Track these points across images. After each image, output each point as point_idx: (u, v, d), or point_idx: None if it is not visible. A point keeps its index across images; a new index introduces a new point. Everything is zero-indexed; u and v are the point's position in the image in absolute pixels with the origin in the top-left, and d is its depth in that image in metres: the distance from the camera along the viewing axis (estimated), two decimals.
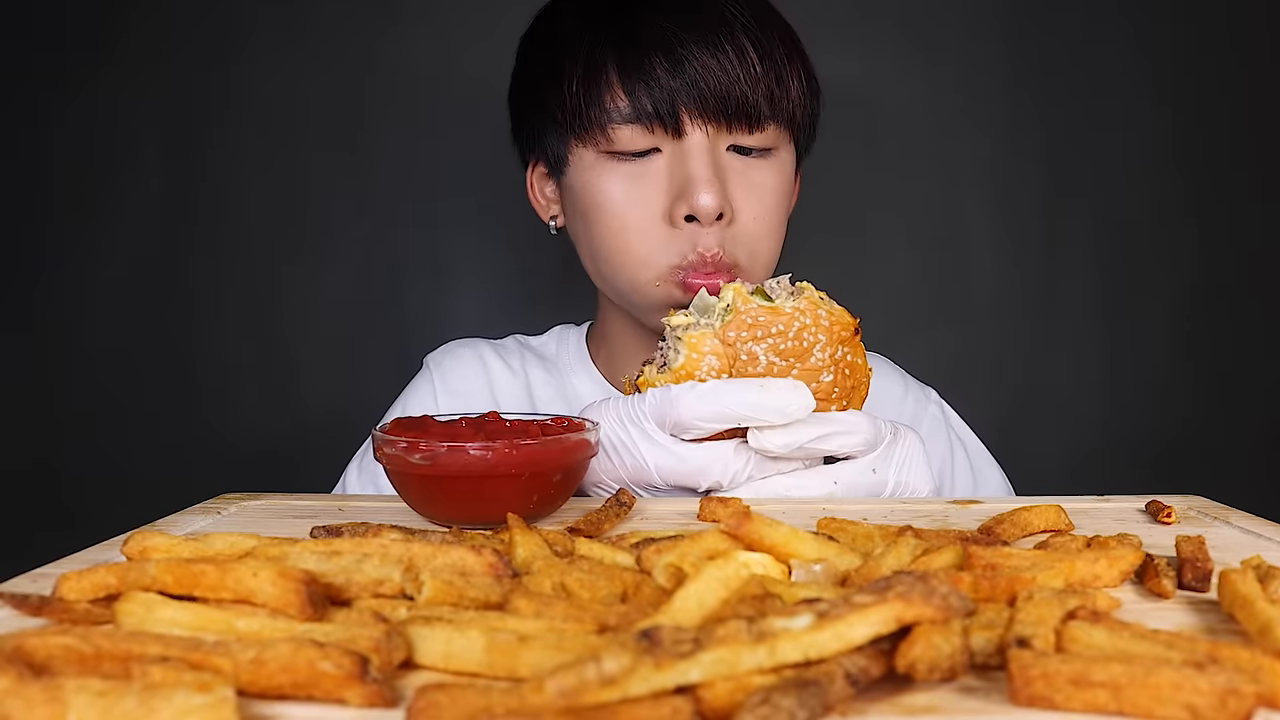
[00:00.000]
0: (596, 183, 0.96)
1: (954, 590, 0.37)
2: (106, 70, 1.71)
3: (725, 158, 0.96)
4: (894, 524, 0.63)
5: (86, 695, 0.33)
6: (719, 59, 0.91)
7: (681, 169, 0.93)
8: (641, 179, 0.95)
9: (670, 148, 0.94)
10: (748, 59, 0.92)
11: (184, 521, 0.70)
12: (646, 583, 0.48)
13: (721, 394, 0.74)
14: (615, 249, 0.97)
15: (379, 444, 0.68)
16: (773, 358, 0.78)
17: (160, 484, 1.69)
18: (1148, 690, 0.35)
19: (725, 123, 0.93)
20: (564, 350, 1.18)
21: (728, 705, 0.34)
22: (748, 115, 0.93)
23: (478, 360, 1.17)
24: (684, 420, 0.75)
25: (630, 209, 0.95)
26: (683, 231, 0.94)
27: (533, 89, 1.01)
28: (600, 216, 0.97)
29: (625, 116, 0.93)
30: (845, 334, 0.80)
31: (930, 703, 0.37)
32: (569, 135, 0.97)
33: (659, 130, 0.93)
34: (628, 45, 0.93)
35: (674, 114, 0.92)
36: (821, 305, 0.79)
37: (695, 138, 0.93)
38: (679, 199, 0.93)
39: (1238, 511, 0.72)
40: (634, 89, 0.92)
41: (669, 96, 0.91)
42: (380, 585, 0.46)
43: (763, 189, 0.97)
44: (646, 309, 0.99)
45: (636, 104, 0.92)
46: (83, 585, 0.46)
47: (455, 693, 0.34)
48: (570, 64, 0.95)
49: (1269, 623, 0.40)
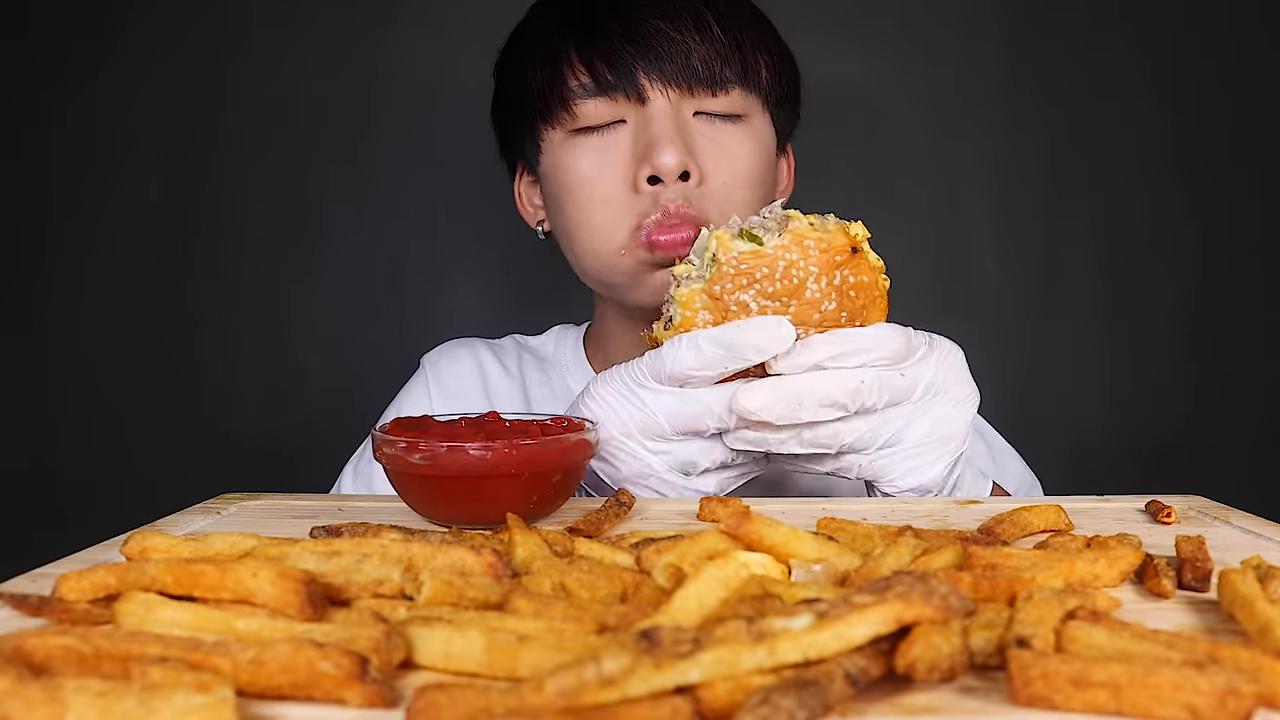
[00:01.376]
0: (564, 161, 0.98)
1: (953, 590, 0.37)
2: (106, 70, 1.71)
3: (692, 123, 0.96)
4: (893, 524, 0.63)
5: (86, 695, 0.33)
6: (675, 24, 0.93)
7: (644, 134, 0.94)
8: (607, 150, 0.96)
9: (634, 117, 0.95)
10: (706, 24, 0.94)
11: (183, 522, 0.70)
12: (646, 583, 0.48)
13: (700, 342, 0.74)
14: (582, 223, 0.97)
15: (379, 444, 0.68)
16: (763, 302, 0.76)
17: (159, 485, 1.69)
18: (1147, 690, 0.35)
19: (687, 86, 0.94)
20: (562, 351, 1.18)
21: (727, 705, 0.34)
22: (710, 78, 0.94)
23: (473, 361, 1.17)
24: (676, 373, 0.75)
25: (596, 180, 0.96)
26: (646, 194, 0.94)
27: (505, 94, 1.04)
28: (569, 193, 0.98)
29: (588, 90, 0.95)
30: (841, 257, 0.76)
31: (930, 703, 0.37)
32: (538, 123, 0.99)
33: (621, 99, 0.94)
34: (586, 24, 0.95)
35: (634, 81, 0.93)
36: (810, 233, 0.75)
37: (658, 103, 0.94)
38: (641, 162, 0.93)
39: (1238, 511, 0.72)
40: (592, 62, 0.94)
41: (628, 64, 0.93)
42: (380, 585, 0.46)
43: (733, 153, 0.97)
44: (621, 287, 0.99)
45: (597, 76, 0.94)
46: (82, 585, 0.46)
47: (455, 693, 0.34)
48: (533, 51, 0.98)
49: (1269, 623, 0.40)
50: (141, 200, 1.73)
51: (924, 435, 0.77)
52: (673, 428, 0.76)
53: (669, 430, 0.77)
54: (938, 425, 0.77)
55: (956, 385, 0.78)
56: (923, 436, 0.77)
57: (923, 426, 0.77)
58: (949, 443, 0.78)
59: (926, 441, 0.77)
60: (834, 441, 0.76)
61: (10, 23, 1.71)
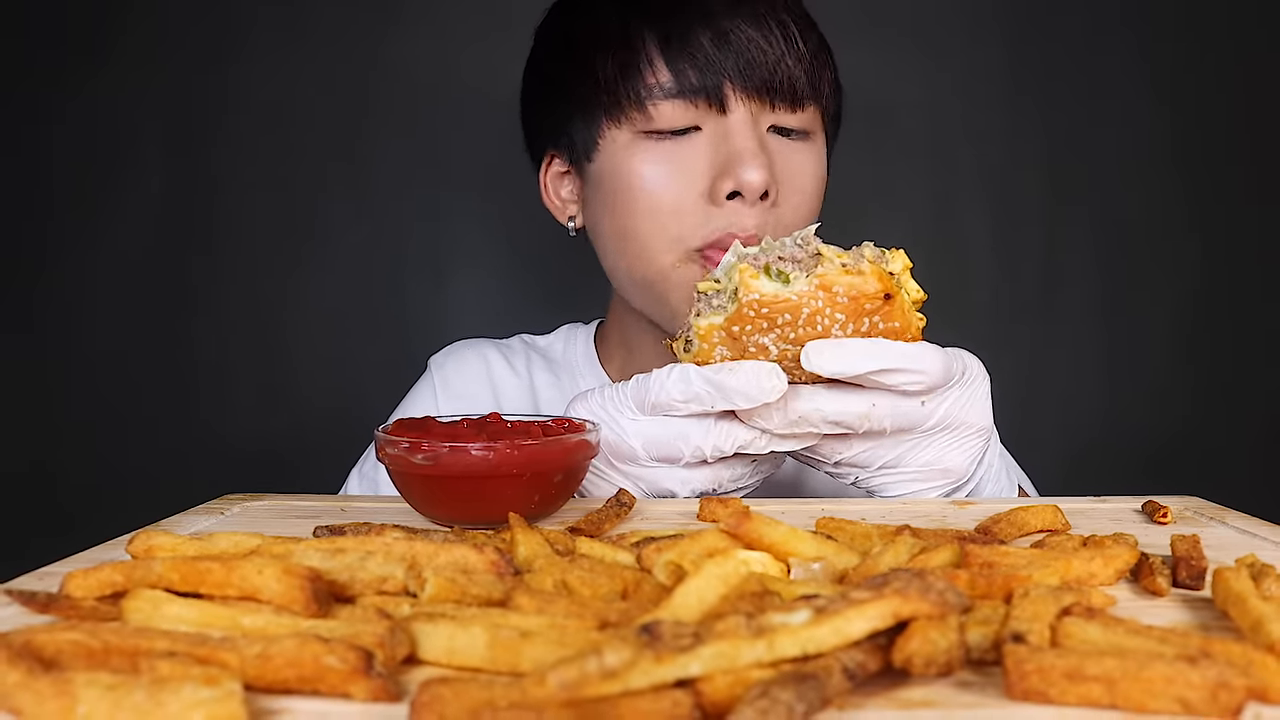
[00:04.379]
0: (630, 163, 0.92)
1: (950, 586, 0.38)
2: (106, 70, 1.72)
3: (767, 138, 0.92)
4: (892, 524, 0.64)
5: (96, 689, 0.33)
6: (765, 34, 0.89)
7: (725, 145, 0.89)
8: (681, 157, 0.91)
9: (711, 125, 0.91)
10: (792, 35, 0.90)
11: (188, 521, 0.70)
12: (647, 580, 0.48)
13: (690, 376, 0.72)
14: (648, 231, 0.92)
15: (381, 445, 0.69)
16: (784, 346, 0.72)
17: (160, 486, 1.70)
18: (1141, 684, 0.35)
19: (769, 100, 0.90)
20: (571, 351, 1.17)
21: (727, 699, 0.34)
22: (792, 93, 0.91)
23: (481, 362, 1.16)
24: (660, 402, 0.74)
25: (668, 188, 0.91)
26: (723, 209, 0.89)
27: (556, 76, 0.98)
28: (634, 197, 0.92)
29: (667, 91, 0.89)
30: (872, 305, 0.71)
31: (927, 697, 0.37)
32: (601, 116, 0.93)
33: (702, 106, 0.89)
34: (670, 19, 0.90)
35: (719, 89, 0.89)
36: (839, 281, 0.70)
37: (739, 114, 0.90)
38: (723, 175, 0.89)
39: (1233, 512, 0.73)
40: (677, 63, 0.89)
41: (715, 70, 0.88)
42: (384, 583, 0.47)
43: (804, 172, 0.94)
44: (662, 299, 0.95)
45: (680, 78, 0.89)
46: (89, 583, 0.47)
47: (458, 687, 0.34)
48: (604, 42, 0.92)
49: (1260, 619, 0.41)
50: (143, 200, 1.74)
51: (925, 463, 0.76)
52: (648, 454, 0.75)
53: (644, 457, 0.76)
54: (941, 457, 0.76)
55: (971, 421, 0.76)
56: (924, 464, 0.76)
57: (926, 455, 0.76)
58: (948, 475, 0.77)
59: (927, 471, 0.77)
60: (832, 455, 0.76)
61: (11, 22, 1.72)
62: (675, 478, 0.76)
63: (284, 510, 0.75)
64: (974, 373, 0.77)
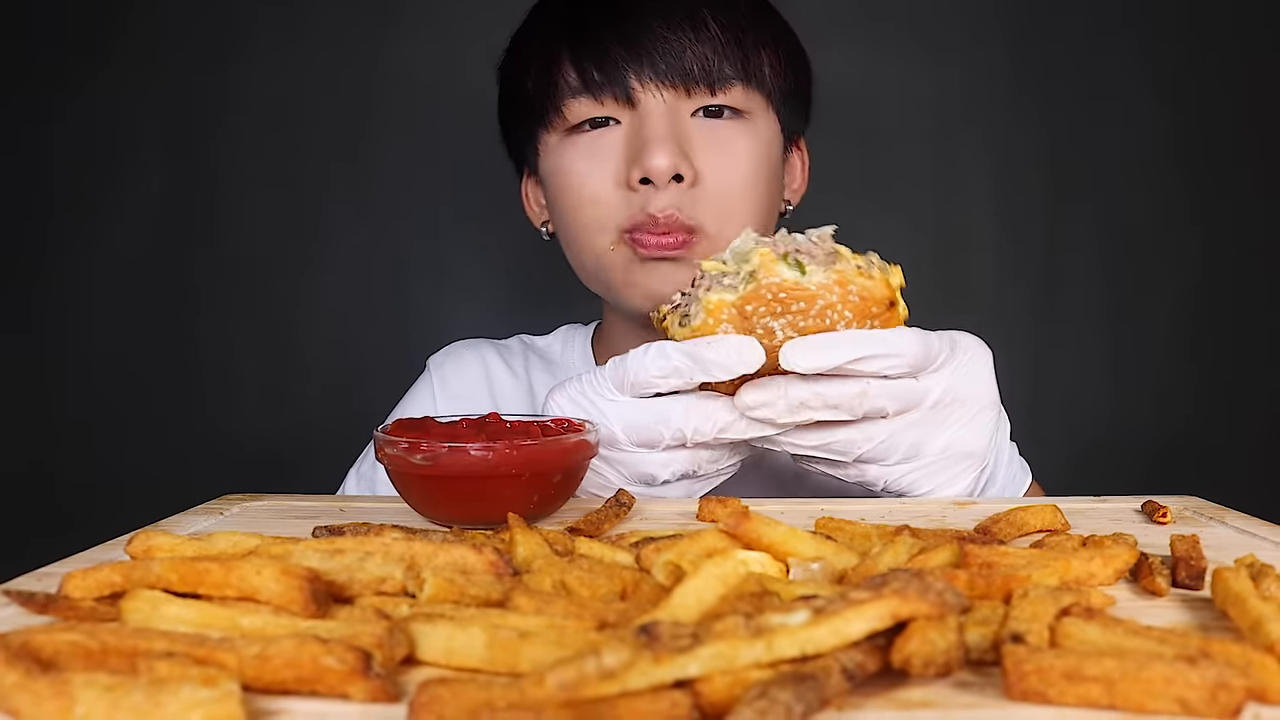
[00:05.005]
0: (559, 162, 0.98)
1: (949, 586, 0.38)
2: (106, 70, 1.72)
3: (690, 123, 0.96)
4: (891, 524, 0.64)
5: (94, 690, 0.33)
6: (669, 23, 0.93)
7: (638, 136, 0.94)
8: (599, 150, 0.96)
9: (627, 117, 0.95)
10: (701, 21, 0.94)
11: (187, 522, 0.70)
12: (646, 580, 0.48)
13: (668, 351, 0.73)
14: (576, 223, 0.98)
15: (380, 444, 0.69)
16: (791, 334, 0.72)
17: (159, 486, 1.69)
18: (1140, 684, 0.35)
19: (683, 86, 0.94)
20: (569, 352, 1.18)
21: (726, 699, 0.34)
22: (707, 76, 0.94)
23: (479, 362, 1.17)
24: (639, 379, 0.74)
25: (589, 178, 0.96)
26: (639, 194, 0.94)
27: (504, 95, 1.05)
28: (566, 192, 0.98)
29: (575, 90, 0.95)
30: (878, 309, 0.72)
31: (926, 697, 0.37)
32: (536, 127, 1.00)
33: (609, 100, 0.94)
34: (582, 26, 0.96)
35: (623, 82, 0.93)
36: (854, 280, 0.71)
37: (651, 103, 0.94)
38: (633, 163, 0.93)
39: (1233, 512, 0.73)
40: (583, 63, 0.94)
41: (617, 65, 0.93)
42: (382, 583, 0.47)
43: (733, 150, 0.96)
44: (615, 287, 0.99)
45: (586, 76, 0.94)
46: (88, 583, 0.47)
47: (457, 687, 0.34)
48: (529, 57, 0.99)
49: (1260, 619, 0.41)
50: (142, 200, 1.74)
51: (943, 447, 0.76)
52: (629, 438, 0.76)
53: (624, 441, 0.76)
54: (958, 440, 0.76)
55: (977, 393, 0.76)
56: (942, 449, 0.76)
57: (941, 439, 0.75)
58: (971, 456, 0.77)
59: (947, 454, 0.76)
60: (849, 449, 0.75)
61: (11, 22, 1.72)
62: (655, 460, 0.77)
63: (283, 510, 0.75)
64: (967, 346, 0.77)
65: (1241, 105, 1.78)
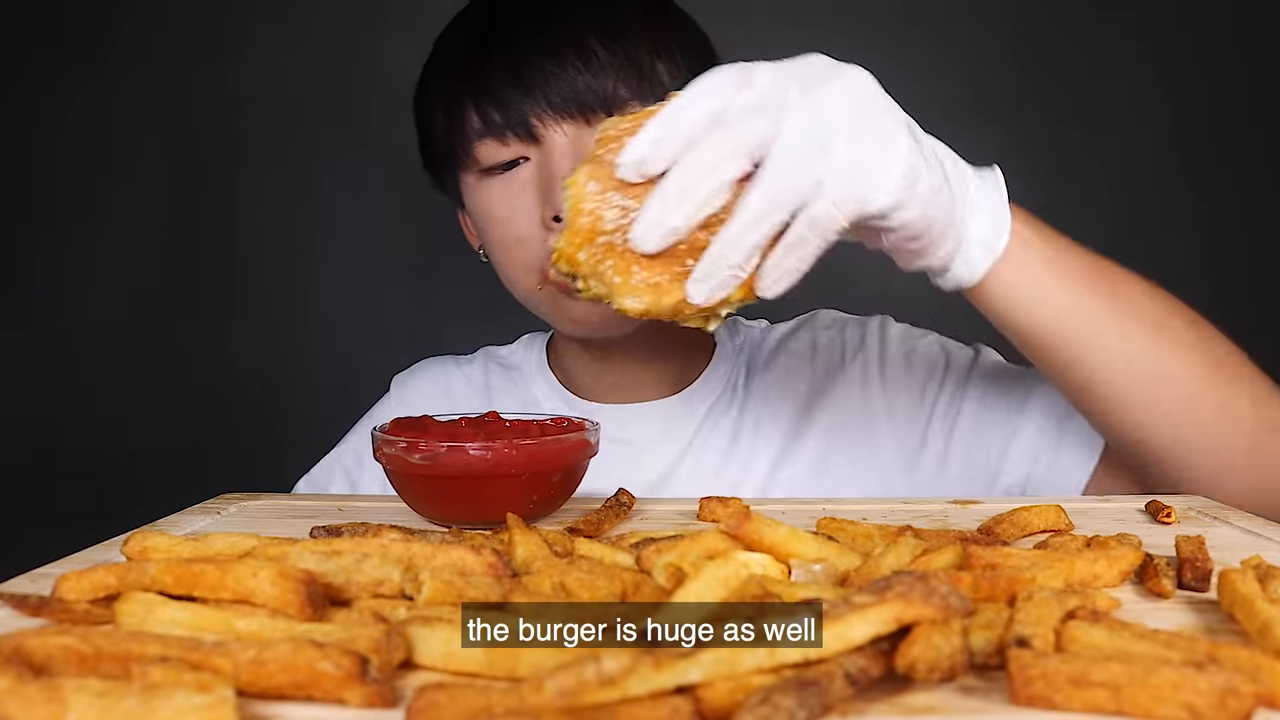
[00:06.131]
0: (478, 203, 0.99)
1: (954, 590, 0.37)
2: (107, 70, 1.72)
3: None
4: (893, 524, 0.63)
5: (86, 695, 0.33)
6: (557, 57, 0.92)
7: (546, 171, 0.93)
8: (514, 190, 0.95)
9: (534, 154, 0.94)
10: (587, 48, 0.93)
11: (184, 522, 0.70)
12: (646, 582, 0.48)
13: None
14: (502, 262, 0.99)
15: (379, 443, 0.68)
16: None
17: (158, 485, 1.69)
18: (1147, 690, 0.35)
19: (581, 116, 0.93)
20: (528, 358, 1.18)
21: (727, 705, 0.34)
22: (603, 101, 0.93)
23: (441, 376, 1.19)
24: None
25: (510, 221, 0.96)
26: (554, 232, 0.92)
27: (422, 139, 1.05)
28: (488, 233, 0.99)
29: (479, 132, 0.95)
30: None
31: (930, 702, 0.37)
32: (455, 169, 1.00)
33: (513, 140, 0.94)
34: (474, 71, 0.96)
35: (523, 120, 0.93)
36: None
37: (554, 138, 0.93)
38: (545, 201, 0.93)
39: (1237, 511, 0.72)
40: (483, 106, 0.94)
41: (515, 104, 0.93)
42: (380, 585, 0.46)
43: None
44: (548, 318, 1.00)
45: (487, 119, 0.94)
46: (82, 585, 0.46)
47: (455, 692, 0.34)
48: (433, 102, 1.00)
49: (1268, 622, 0.40)
50: (142, 200, 1.73)
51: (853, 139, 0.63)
52: None
53: None
54: (859, 127, 0.64)
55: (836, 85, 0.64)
56: (853, 141, 0.63)
57: (843, 136, 0.63)
58: (888, 136, 0.65)
59: (859, 142, 0.63)
60: (775, 201, 0.62)
61: (12, 22, 1.71)
62: None
63: (281, 510, 0.75)
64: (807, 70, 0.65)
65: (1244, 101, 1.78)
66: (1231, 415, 0.79)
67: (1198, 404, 0.79)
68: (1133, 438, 0.81)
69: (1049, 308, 0.76)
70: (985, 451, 0.96)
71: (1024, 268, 0.75)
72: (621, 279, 0.63)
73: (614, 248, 0.64)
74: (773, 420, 1.02)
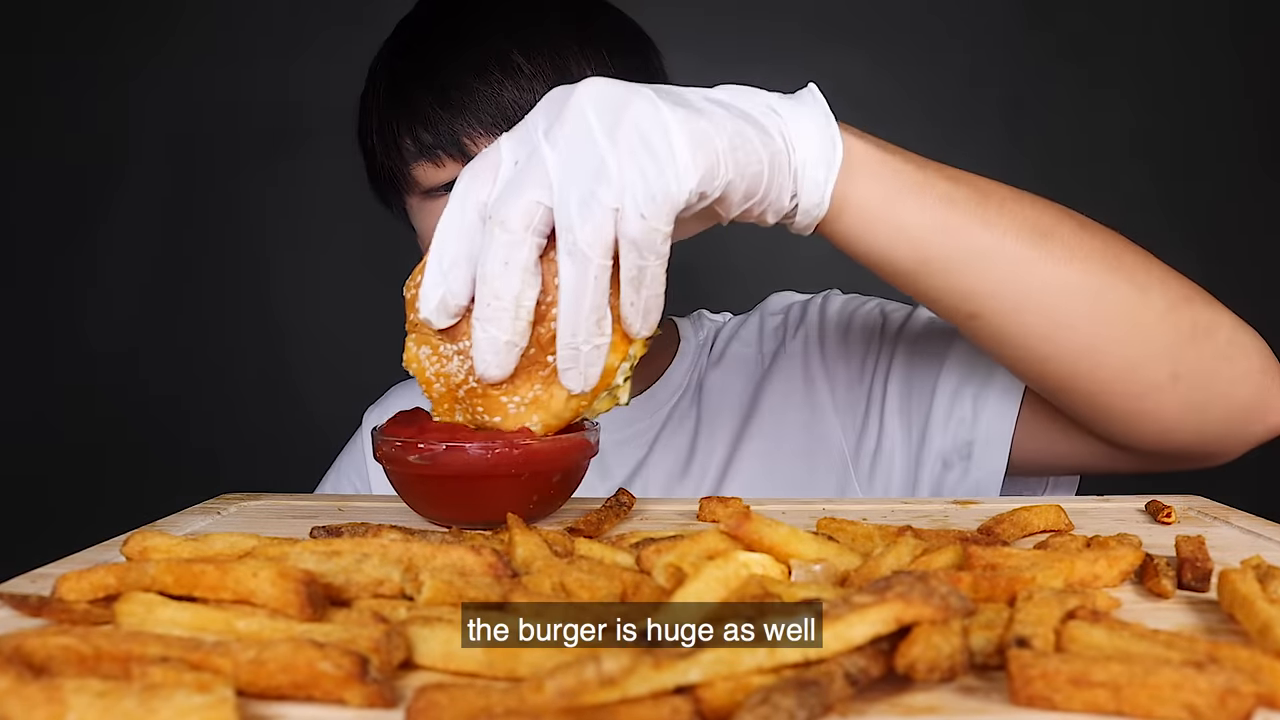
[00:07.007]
0: (421, 223, 0.99)
1: (954, 590, 0.37)
2: (107, 70, 1.71)
3: None
4: (894, 524, 0.63)
5: (86, 695, 0.33)
6: (480, 74, 0.92)
7: None
8: None
9: None
10: (509, 62, 0.92)
11: (184, 522, 0.70)
12: (646, 583, 0.48)
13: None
14: None
15: (378, 443, 0.68)
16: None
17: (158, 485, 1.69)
18: (1147, 690, 0.35)
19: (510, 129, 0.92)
20: None
21: (727, 705, 0.34)
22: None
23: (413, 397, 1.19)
24: None
25: None
26: None
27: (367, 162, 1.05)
28: None
29: (414, 155, 0.95)
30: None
31: (930, 703, 0.37)
32: (400, 194, 1.01)
33: (448, 160, 0.94)
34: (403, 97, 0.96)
35: (455, 140, 0.93)
36: None
37: None
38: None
39: (1237, 511, 0.72)
40: (415, 130, 0.95)
41: (444, 125, 0.93)
42: (380, 585, 0.46)
43: None
44: None
45: (419, 142, 0.94)
46: (82, 586, 0.46)
47: (455, 693, 0.34)
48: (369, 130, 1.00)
49: (1269, 622, 0.40)
50: (143, 200, 1.73)
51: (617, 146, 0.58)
52: None
53: None
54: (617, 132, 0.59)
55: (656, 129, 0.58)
56: (619, 149, 0.58)
57: (606, 150, 0.58)
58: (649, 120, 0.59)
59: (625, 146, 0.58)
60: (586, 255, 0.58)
61: (12, 23, 1.71)
62: None
63: (280, 510, 0.74)
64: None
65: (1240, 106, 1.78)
66: (1143, 324, 0.71)
67: (1103, 316, 0.71)
68: (1041, 369, 0.74)
69: (913, 226, 0.68)
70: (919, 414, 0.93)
71: (875, 183, 0.67)
72: (502, 415, 0.64)
73: (476, 392, 0.65)
74: (726, 414, 1.02)
